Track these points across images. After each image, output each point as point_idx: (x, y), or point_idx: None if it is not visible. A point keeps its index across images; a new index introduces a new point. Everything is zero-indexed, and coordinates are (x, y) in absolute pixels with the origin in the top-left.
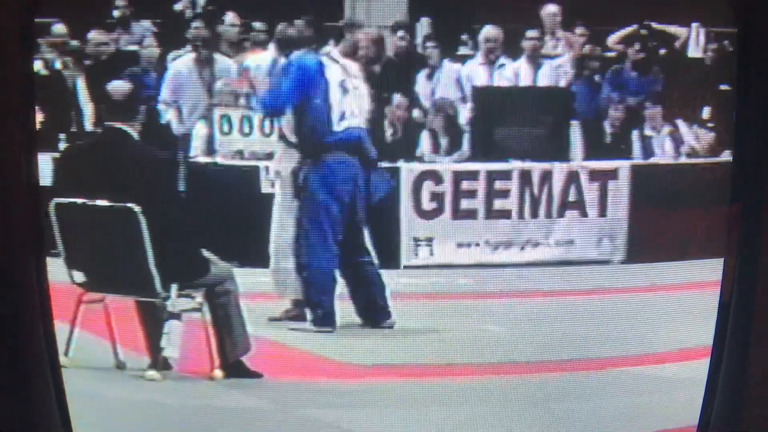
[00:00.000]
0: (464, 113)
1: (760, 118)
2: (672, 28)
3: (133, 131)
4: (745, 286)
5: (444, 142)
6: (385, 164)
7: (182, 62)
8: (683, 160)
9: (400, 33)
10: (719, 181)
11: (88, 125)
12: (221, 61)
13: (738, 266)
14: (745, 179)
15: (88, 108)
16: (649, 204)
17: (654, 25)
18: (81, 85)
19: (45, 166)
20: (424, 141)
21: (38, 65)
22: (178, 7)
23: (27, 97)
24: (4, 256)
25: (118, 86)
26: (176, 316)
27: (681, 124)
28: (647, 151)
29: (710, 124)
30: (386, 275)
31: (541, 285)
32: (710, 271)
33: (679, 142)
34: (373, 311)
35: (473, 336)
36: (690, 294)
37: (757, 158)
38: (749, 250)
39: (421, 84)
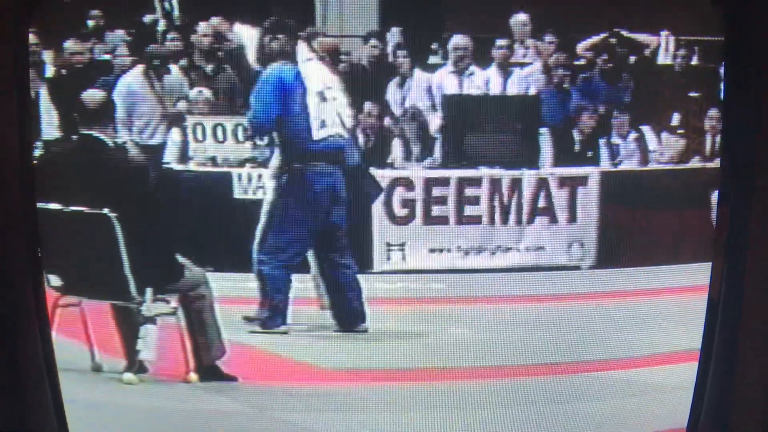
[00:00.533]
0: (435, 121)
1: (748, 121)
2: (642, 36)
3: (107, 138)
4: (733, 286)
5: (415, 149)
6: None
7: (132, 76)
8: (652, 166)
9: (372, 42)
10: (688, 186)
11: (63, 132)
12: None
13: (726, 267)
14: (732, 182)
15: (62, 115)
16: (618, 210)
17: (624, 33)
18: (55, 93)
19: None
20: (396, 148)
21: None
22: (149, 18)
23: (23, 101)
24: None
25: (93, 94)
26: (151, 320)
27: (649, 131)
28: (616, 158)
29: (680, 131)
30: (361, 279)
31: (512, 290)
32: (682, 275)
33: (647, 148)
34: (349, 314)
35: (446, 340)
36: (662, 299)
37: (744, 162)
38: (736, 251)
39: (392, 92)
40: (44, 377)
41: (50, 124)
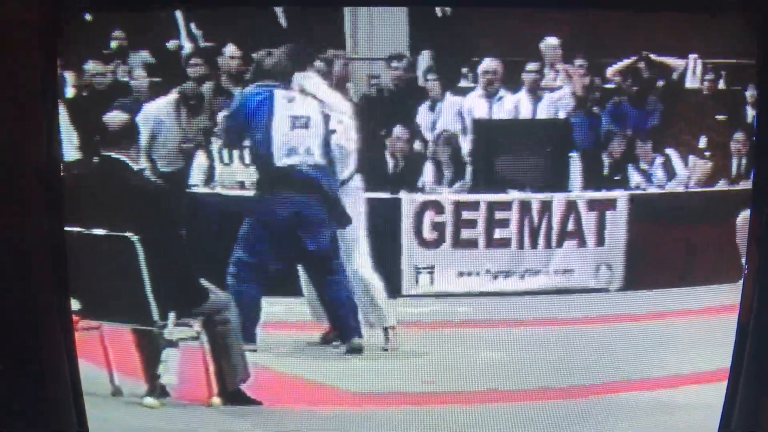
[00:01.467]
0: (464, 145)
1: None
2: (670, 60)
3: (130, 161)
4: (763, 307)
5: (445, 173)
6: (384, 195)
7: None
8: (680, 189)
9: (396, 64)
10: (715, 208)
11: (85, 154)
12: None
13: (757, 288)
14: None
15: (84, 137)
16: (646, 233)
17: (653, 56)
18: (78, 114)
19: None
20: (426, 172)
21: None
22: (173, 44)
23: (51, 123)
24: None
25: (116, 117)
26: (173, 344)
27: (676, 154)
28: (644, 181)
29: (707, 154)
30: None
31: (541, 313)
32: (708, 296)
33: (675, 171)
34: (344, 329)
35: (475, 364)
36: (689, 320)
37: None
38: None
39: (422, 116)
40: (70, 399)
41: (71, 146)
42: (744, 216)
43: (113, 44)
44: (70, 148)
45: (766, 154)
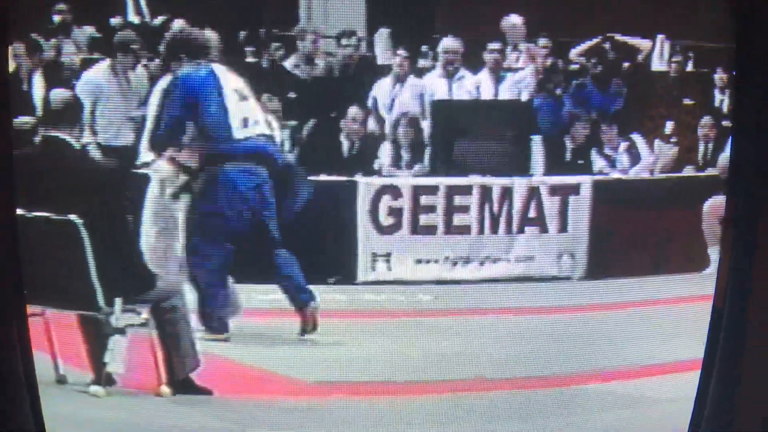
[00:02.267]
0: (423, 127)
1: (755, 128)
2: (636, 41)
3: (73, 140)
4: (737, 295)
5: (403, 155)
6: (341, 177)
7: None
8: (645, 174)
9: (346, 41)
10: (681, 194)
11: (27, 134)
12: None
13: (731, 274)
14: (738, 190)
15: (26, 115)
16: (610, 219)
17: (618, 37)
18: (19, 90)
19: None
20: (383, 154)
21: None
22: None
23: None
24: None
25: (58, 94)
26: (121, 331)
27: (642, 139)
28: (608, 166)
29: (673, 139)
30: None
31: (501, 301)
32: (675, 285)
33: (641, 157)
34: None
35: (433, 353)
36: (655, 309)
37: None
38: (742, 259)
39: (379, 96)
40: (23, 385)
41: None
42: (711, 203)
43: (56, 19)
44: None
45: (742, 139)
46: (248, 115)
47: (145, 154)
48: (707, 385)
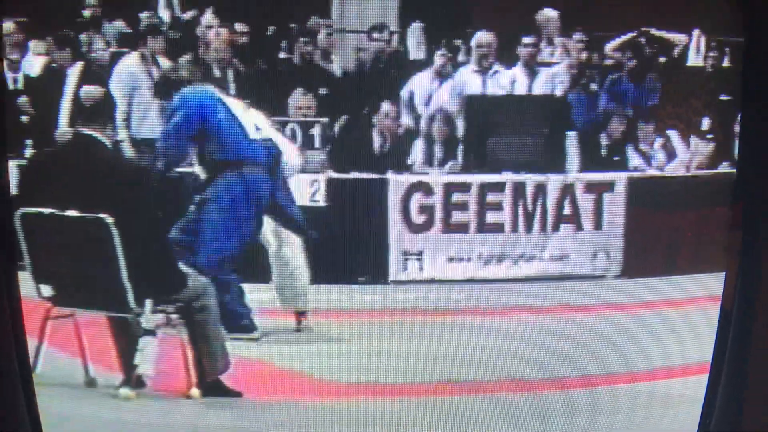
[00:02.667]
0: (456, 123)
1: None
2: (672, 36)
3: (104, 138)
4: (746, 295)
5: (435, 152)
6: (372, 175)
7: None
8: (682, 172)
9: (378, 35)
10: (717, 193)
11: (58, 131)
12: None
13: (740, 274)
14: (747, 187)
15: (57, 113)
16: (645, 217)
17: (653, 32)
18: (50, 88)
19: (10, 173)
20: (415, 151)
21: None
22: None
23: None
24: None
25: (90, 91)
26: (151, 332)
27: (679, 136)
28: (643, 163)
29: (710, 136)
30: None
31: (534, 300)
32: (709, 285)
33: (677, 153)
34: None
35: (464, 353)
36: (687, 309)
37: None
38: (751, 258)
39: (416, 91)
40: (18, 381)
41: (41, 123)
42: None
43: (86, 13)
44: (40, 126)
45: (750, 138)
46: (255, 121)
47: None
48: (716, 387)
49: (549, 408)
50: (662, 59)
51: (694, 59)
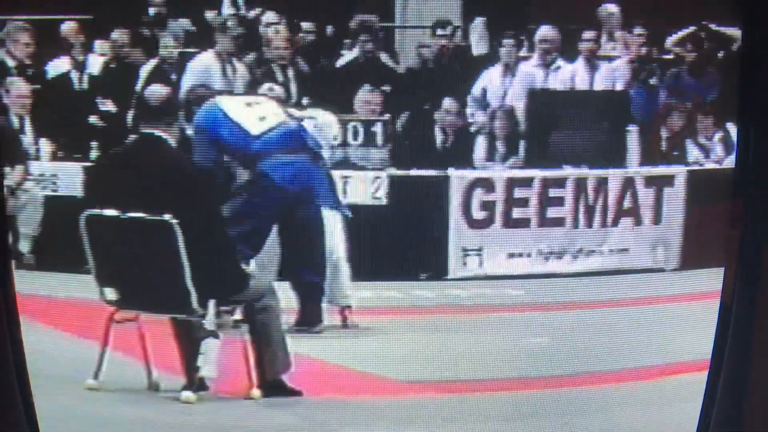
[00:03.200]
0: (518, 117)
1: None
2: (731, 30)
3: (169, 138)
4: (746, 289)
5: (497, 147)
6: (433, 172)
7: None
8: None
9: (441, 32)
10: None
11: (123, 132)
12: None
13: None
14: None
15: (123, 113)
16: (704, 211)
17: (713, 26)
18: (114, 88)
19: (75, 176)
20: (477, 147)
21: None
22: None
23: None
24: None
25: (156, 90)
26: (214, 334)
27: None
28: (704, 157)
29: None
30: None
31: (594, 295)
32: None
33: (735, 147)
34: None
35: (525, 349)
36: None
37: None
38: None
39: (483, 87)
40: (14, 380)
41: (106, 124)
42: None
43: (152, 11)
44: (103, 127)
45: (748, 136)
46: (260, 114)
47: None
48: (716, 383)
49: (608, 401)
50: (721, 54)
51: None
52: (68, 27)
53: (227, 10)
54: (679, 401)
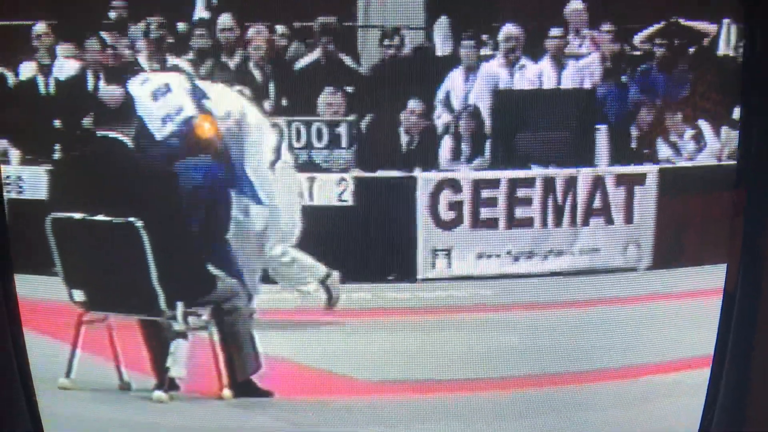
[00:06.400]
0: (483, 118)
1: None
2: (701, 25)
3: (128, 140)
4: (749, 284)
5: (463, 148)
6: (399, 173)
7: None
8: (714, 162)
9: (388, 42)
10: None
11: (83, 134)
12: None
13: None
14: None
15: (82, 116)
16: (676, 209)
17: (682, 21)
18: (72, 90)
19: (39, 178)
20: (443, 148)
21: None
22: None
23: None
24: None
25: (111, 92)
26: (182, 334)
27: (710, 126)
28: (675, 154)
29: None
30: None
31: (564, 295)
32: None
33: (708, 144)
34: None
35: (492, 350)
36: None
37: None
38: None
39: (439, 88)
40: (17, 381)
41: (68, 126)
42: None
43: (113, 15)
44: (66, 128)
45: (751, 128)
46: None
47: None
48: (719, 378)
49: (570, 402)
50: (692, 49)
51: (724, 49)
52: (35, 30)
53: (199, 14)
54: (651, 401)
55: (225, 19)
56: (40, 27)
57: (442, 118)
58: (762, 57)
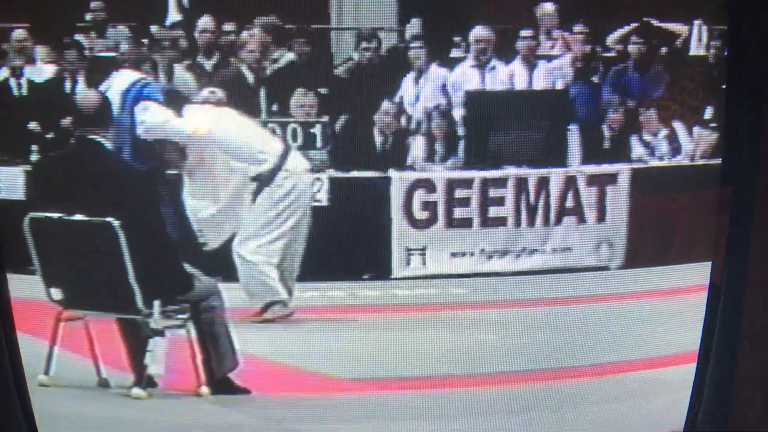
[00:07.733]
0: (457, 119)
1: (752, 115)
2: (672, 26)
3: (106, 141)
4: (734, 279)
5: (436, 149)
6: (374, 173)
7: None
8: (686, 161)
9: (366, 44)
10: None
11: (60, 135)
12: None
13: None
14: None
15: (60, 117)
16: (648, 208)
17: (654, 22)
18: (52, 93)
19: (17, 178)
20: (416, 148)
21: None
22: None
23: None
24: None
25: (89, 94)
26: (160, 332)
27: (682, 126)
28: (647, 154)
29: (713, 125)
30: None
31: (537, 293)
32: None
33: (680, 144)
34: None
35: (467, 347)
36: (696, 296)
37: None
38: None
39: (410, 88)
40: (10, 380)
41: (45, 127)
42: None
43: (89, 17)
44: (45, 130)
45: (735, 125)
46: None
47: None
48: (704, 373)
49: (546, 400)
50: (664, 49)
51: (696, 49)
52: (11, 34)
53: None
54: (632, 398)
55: (203, 22)
56: (18, 32)
57: (414, 119)
58: (745, 55)
